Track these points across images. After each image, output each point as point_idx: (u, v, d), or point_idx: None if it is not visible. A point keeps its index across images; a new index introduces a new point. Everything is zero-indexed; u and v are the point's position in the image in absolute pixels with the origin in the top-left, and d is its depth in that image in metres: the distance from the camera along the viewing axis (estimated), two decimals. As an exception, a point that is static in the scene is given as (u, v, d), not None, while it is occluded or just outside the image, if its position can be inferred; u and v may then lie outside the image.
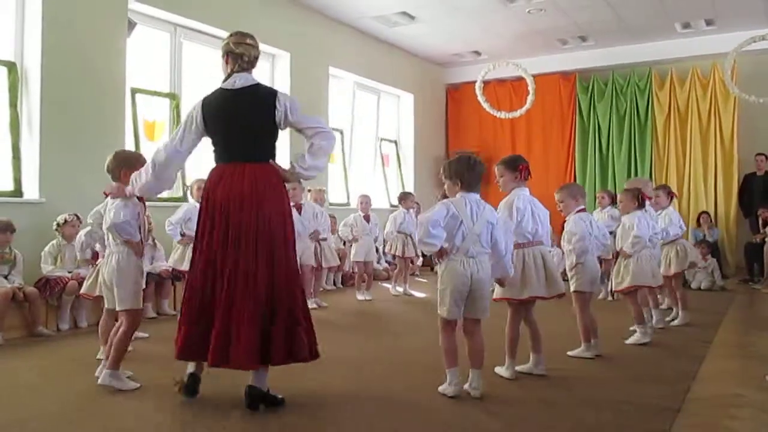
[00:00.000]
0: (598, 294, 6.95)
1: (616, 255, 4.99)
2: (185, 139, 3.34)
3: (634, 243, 4.78)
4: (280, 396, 3.23)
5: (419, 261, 9.87)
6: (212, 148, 3.37)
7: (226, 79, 3.35)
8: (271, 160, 3.31)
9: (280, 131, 3.33)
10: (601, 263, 6.52)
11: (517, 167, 3.86)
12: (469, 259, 3.36)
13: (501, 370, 3.83)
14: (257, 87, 3.33)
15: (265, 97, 3.28)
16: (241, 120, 3.26)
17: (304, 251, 5.97)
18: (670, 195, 6.08)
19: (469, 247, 3.36)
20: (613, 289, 5.03)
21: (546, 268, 3.82)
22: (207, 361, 3.11)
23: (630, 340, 4.82)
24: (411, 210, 8.00)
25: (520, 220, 3.76)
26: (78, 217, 5.50)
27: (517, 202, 3.78)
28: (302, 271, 5.77)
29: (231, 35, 3.40)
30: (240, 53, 3.31)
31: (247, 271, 3.11)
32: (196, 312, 3.18)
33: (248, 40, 3.36)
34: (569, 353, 4.33)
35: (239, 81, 3.30)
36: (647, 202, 5.28)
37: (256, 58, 3.38)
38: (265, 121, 3.26)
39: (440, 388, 3.44)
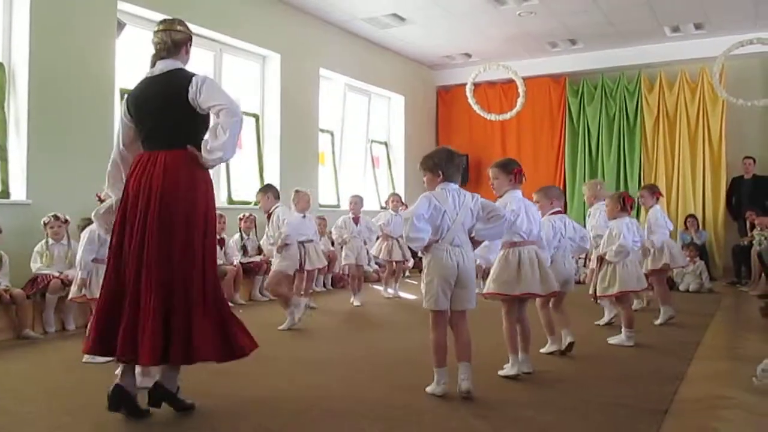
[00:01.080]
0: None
1: (600, 259, 4.99)
2: (122, 135, 3.26)
3: (617, 252, 4.80)
4: (189, 401, 3.14)
5: (410, 263, 9.85)
6: None
7: (151, 67, 3.25)
8: (189, 147, 3.09)
9: (202, 116, 3.12)
10: (585, 263, 6.60)
11: (512, 170, 3.90)
12: (454, 248, 3.37)
13: (507, 371, 3.80)
14: (175, 72, 3.16)
15: (180, 80, 3.10)
16: (155, 105, 3.13)
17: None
18: (655, 195, 6.12)
19: (453, 236, 3.37)
20: (599, 294, 4.96)
21: (540, 266, 3.84)
22: (115, 355, 3.01)
23: (613, 340, 4.87)
24: (398, 212, 7.79)
25: (515, 220, 3.77)
26: (57, 217, 5.47)
27: (511, 203, 3.81)
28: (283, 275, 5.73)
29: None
30: (155, 42, 3.20)
31: (150, 263, 2.98)
32: (107, 305, 3.07)
33: (161, 26, 3.22)
34: (542, 350, 4.40)
35: (159, 67, 3.19)
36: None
37: (178, 42, 3.19)
38: (179, 105, 3.07)
39: (428, 389, 3.44)
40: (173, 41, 3.18)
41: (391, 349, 4.74)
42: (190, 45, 3.30)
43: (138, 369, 3.18)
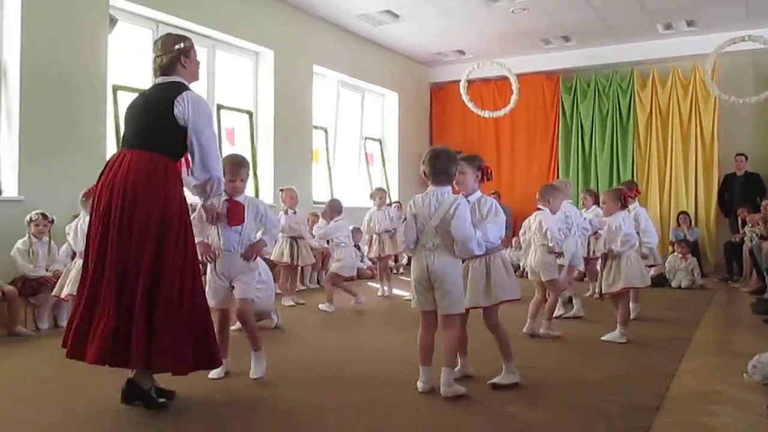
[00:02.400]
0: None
1: (605, 256, 4.99)
2: None
3: (623, 242, 4.80)
4: (162, 399, 3.12)
5: (404, 259, 9.83)
6: None
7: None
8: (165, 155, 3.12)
9: (181, 128, 3.11)
10: (587, 263, 6.66)
11: (479, 167, 3.79)
12: (426, 251, 3.38)
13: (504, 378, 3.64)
14: (168, 84, 3.21)
15: (168, 91, 3.15)
16: (138, 109, 3.21)
17: None
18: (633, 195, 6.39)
19: (426, 240, 3.38)
20: (604, 291, 4.97)
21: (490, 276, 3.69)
22: (85, 359, 2.98)
23: (606, 337, 4.87)
24: (384, 208, 7.68)
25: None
26: (45, 216, 5.43)
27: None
28: None
29: None
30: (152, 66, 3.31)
31: (112, 264, 2.97)
32: (78, 305, 3.08)
33: (153, 51, 3.29)
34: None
35: (159, 80, 3.28)
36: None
37: (167, 64, 3.23)
38: (160, 111, 3.10)
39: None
40: (162, 66, 3.24)
41: (383, 348, 4.75)
42: (186, 56, 3.28)
43: None
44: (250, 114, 8.79)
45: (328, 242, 6.28)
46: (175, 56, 3.23)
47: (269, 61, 8.79)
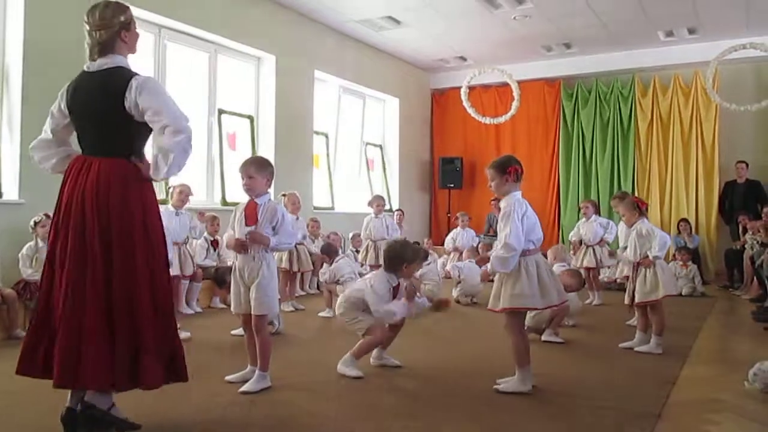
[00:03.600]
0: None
1: (637, 265, 4.82)
2: (52, 126, 2.99)
3: (661, 245, 4.69)
4: (129, 419, 2.82)
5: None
6: None
7: (89, 60, 2.94)
8: (132, 158, 2.83)
9: (139, 122, 2.79)
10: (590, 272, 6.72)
11: (506, 170, 3.76)
12: None
13: (515, 386, 3.59)
14: (114, 70, 2.84)
15: (117, 82, 2.78)
16: (93, 108, 2.83)
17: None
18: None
19: None
20: (640, 300, 4.77)
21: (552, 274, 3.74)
22: (50, 378, 2.68)
23: (642, 348, 4.73)
24: (381, 216, 7.75)
25: (525, 227, 3.61)
26: (49, 216, 5.41)
27: (517, 208, 3.64)
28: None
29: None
30: (86, 42, 2.93)
31: (81, 281, 2.68)
32: (37, 323, 2.78)
33: (85, 24, 2.91)
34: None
35: (98, 62, 2.89)
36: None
37: (106, 41, 2.87)
38: (114, 109, 2.76)
39: None
40: (100, 43, 2.87)
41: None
42: (128, 30, 2.91)
43: None
44: (251, 119, 8.79)
45: (337, 281, 6.26)
46: (116, 31, 2.86)
47: (271, 66, 8.80)
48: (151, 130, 2.81)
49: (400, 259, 4.01)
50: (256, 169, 3.70)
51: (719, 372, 4.25)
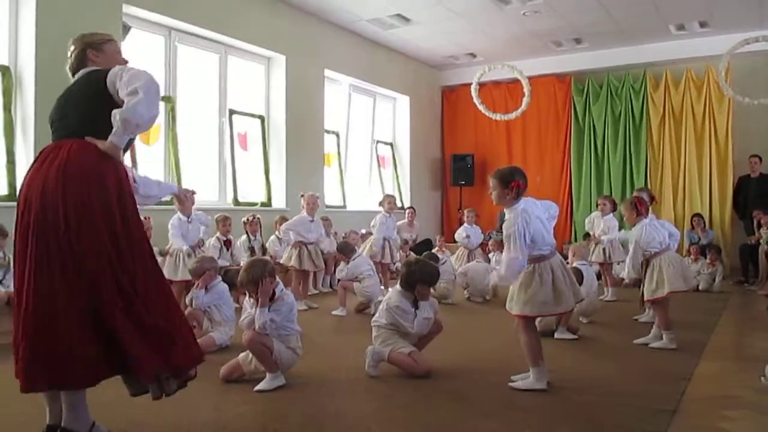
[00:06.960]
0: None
1: (647, 262, 4.82)
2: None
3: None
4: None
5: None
6: None
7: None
8: (88, 138, 2.68)
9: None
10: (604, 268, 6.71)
11: (509, 184, 3.51)
12: None
13: (531, 383, 3.57)
14: (90, 71, 2.88)
15: (96, 73, 2.81)
16: (67, 98, 2.85)
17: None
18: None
19: None
20: (647, 298, 4.78)
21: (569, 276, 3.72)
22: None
23: (656, 344, 4.72)
24: (392, 214, 7.80)
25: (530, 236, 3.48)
26: None
27: (519, 219, 3.46)
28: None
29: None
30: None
31: (38, 275, 2.53)
32: (16, 326, 2.64)
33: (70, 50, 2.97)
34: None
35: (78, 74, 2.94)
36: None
37: (77, 67, 2.97)
38: (91, 92, 2.75)
39: None
40: (72, 68, 2.99)
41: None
42: (96, 49, 2.96)
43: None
44: (262, 119, 8.82)
45: (356, 278, 6.39)
46: (80, 59, 2.93)
47: (281, 66, 8.83)
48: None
49: (415, 279, 3.98)
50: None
51: (735, 368, 4.22)
